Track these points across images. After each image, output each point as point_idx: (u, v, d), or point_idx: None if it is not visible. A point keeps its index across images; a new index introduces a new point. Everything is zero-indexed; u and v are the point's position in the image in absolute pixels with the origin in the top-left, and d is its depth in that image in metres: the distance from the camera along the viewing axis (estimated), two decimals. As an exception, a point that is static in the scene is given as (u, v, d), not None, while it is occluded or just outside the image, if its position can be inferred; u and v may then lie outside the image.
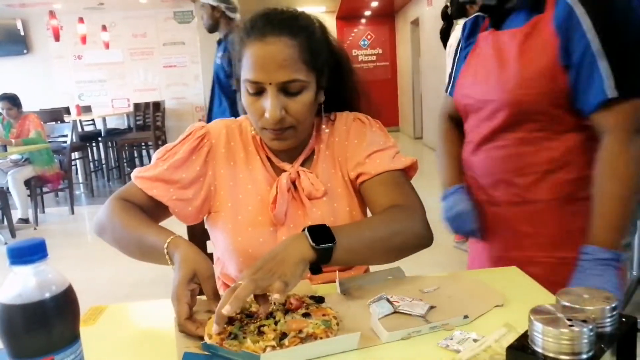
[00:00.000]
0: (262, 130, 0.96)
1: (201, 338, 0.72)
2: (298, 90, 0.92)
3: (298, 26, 0.93)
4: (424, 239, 0.93)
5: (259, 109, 0.93)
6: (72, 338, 0.53)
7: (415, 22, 8.48)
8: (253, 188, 1.01)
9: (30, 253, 0.50)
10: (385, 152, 1.02)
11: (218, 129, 1.05)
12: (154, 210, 0.99)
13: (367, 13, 10.30)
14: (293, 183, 1.01)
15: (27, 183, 4.59)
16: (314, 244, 0.79)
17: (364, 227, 0.92)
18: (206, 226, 1.09)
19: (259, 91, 0.92)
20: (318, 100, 0.99)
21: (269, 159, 1.03)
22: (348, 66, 1.06)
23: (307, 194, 1.00)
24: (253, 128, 1.03)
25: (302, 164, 1.03)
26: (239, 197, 1.01)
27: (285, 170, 1.01)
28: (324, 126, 1.07)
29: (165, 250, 0.85)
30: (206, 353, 0.68)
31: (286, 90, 0.92)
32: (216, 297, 0.79)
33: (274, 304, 0.79)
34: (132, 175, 1.01)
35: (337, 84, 1.03)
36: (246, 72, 0.92)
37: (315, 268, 0.83)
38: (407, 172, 1.03)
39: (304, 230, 0.82)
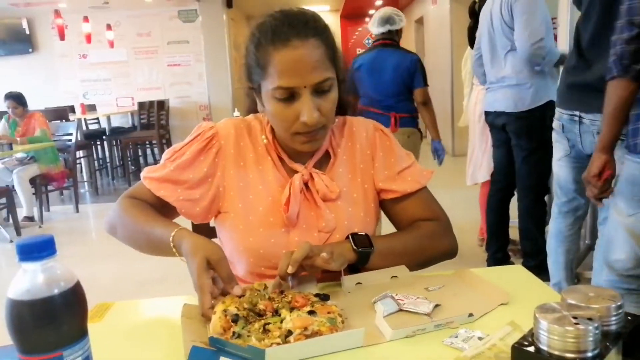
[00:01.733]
0: (294, 135, 0.95)
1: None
2: (328, 89, 0.92)
3: (320, 26, 0.93)
4: (451, 253, 1.04)
5: (291, 115, 0.92)
6: (80, 334, 0.53)
7: (420, 21, 8.46)
8: (264, 189, 1.01)
9: (39, 249, 0.50)
10: (412, 168, 1.07)
11: (227, 129, 1.04)
12: (163, 210, 1.00)
13: (371, 12, 10.28)
14: (305, 184, 1.01)
15: (33, 181, 4.61)
16: (355, 247, 0.92)
17: (398, 240, 1.01)
18: (214, 225, 1.09)
19: (289, 96, 0.91)
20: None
21: (280, 159, 1.03)
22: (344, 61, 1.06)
23: (321, 196, 1.00)
24: (264, 134, 1.03)
25: (314, 165, 1.03)
26: (249, 198, 1.00)
27: (297, 171, 1.01)
28: (336, 129, 1.07)
29: (172, 244, 0.88)
30: (213, 348, 0.69)
31: (318, 90, 0.91)
32: (230, 278, 0.84)
33: (280, 300, 0.79)
34: (141, 175, 1.03)
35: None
36: (275, 80, 0.90)
37: (354, 269, 0.94)
38: None
39: (347, 237, 0.95)
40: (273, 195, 1.00)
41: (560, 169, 2.05)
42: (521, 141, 2.54)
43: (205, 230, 1.21)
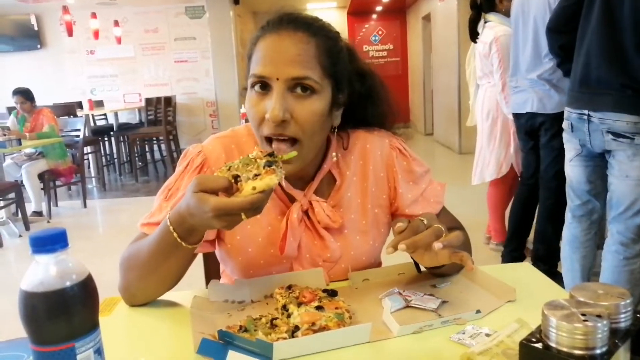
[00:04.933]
0: (263, 141, 0.85)
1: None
2: (307, 91, 0.82)
3: (317, 26, 0.86)
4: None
5: (260, 111, 0.83)
6: (92, 326, 0.54)
7: (427, 18, 8.42)
8: (262, 218, 0.91)
9: (52, 242, 0.51)
10: (432, 187, 1.01)
11: (216, 152, 0.94)
12: None
13: (379, 8, 10.25)
14: (306, 212, 0.93)
15: (41, 177, 4.64)
16: None
17: (461, 241, 0.81)
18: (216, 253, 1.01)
19: (263, 89, 0.83)
20: (332, 118, 0.90)
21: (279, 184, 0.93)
22: (381, 93, 0.98)
23: (323, 226, 0.93)
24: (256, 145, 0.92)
25: (315, 191, 0.94)
26: (247, 228, 0.92)
27: (295, 199, 0.93)
28: (339, 146, 0.98)
29: (171, 228, 0.77)
30: (222, 341, 0.69)
31: (294, 90, 0.82)
32: (229, 185, 0.70)
33: (287, 296, 0.80)
34: (138, 224, 0.93)
35: (367, 109, 0.97)
36: (253, 67, 0.84)
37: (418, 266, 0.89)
38: None
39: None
40: (272, 224, 0.92)
41: (573, 169, 2.04)
42: (553, 142, 2.46)
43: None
